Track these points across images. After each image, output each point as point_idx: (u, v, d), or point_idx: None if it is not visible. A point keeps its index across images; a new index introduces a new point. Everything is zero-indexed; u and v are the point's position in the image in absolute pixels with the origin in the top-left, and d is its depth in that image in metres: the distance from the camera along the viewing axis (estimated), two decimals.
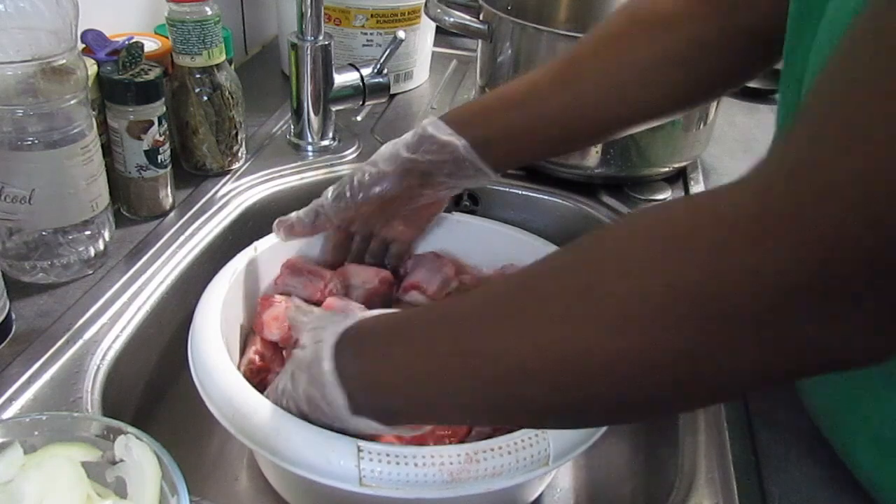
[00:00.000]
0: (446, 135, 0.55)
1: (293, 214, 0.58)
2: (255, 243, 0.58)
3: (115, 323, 0.54)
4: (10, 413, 0.46)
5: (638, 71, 0.54)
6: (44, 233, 0.56)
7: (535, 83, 0.56)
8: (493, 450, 0.41)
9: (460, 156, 0.55)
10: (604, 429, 0.45)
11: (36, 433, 0.38)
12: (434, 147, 0.55)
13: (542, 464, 0.42)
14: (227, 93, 0.70)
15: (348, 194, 0.56)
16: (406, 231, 0.62)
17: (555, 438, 0.42)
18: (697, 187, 0.78)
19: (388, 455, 0.40)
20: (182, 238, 0.64)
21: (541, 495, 0.55)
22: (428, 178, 0.56)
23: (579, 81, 0.55)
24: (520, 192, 0.76)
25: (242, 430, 0.43)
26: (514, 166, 0.57)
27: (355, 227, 0.61)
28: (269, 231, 0.59)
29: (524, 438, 0.42)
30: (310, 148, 0.79)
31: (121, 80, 0.60)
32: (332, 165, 0.78)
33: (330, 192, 0.57)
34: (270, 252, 0.59)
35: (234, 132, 0.72)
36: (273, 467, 0.51)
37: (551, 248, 0.61)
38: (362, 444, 0.40)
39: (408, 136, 0.56)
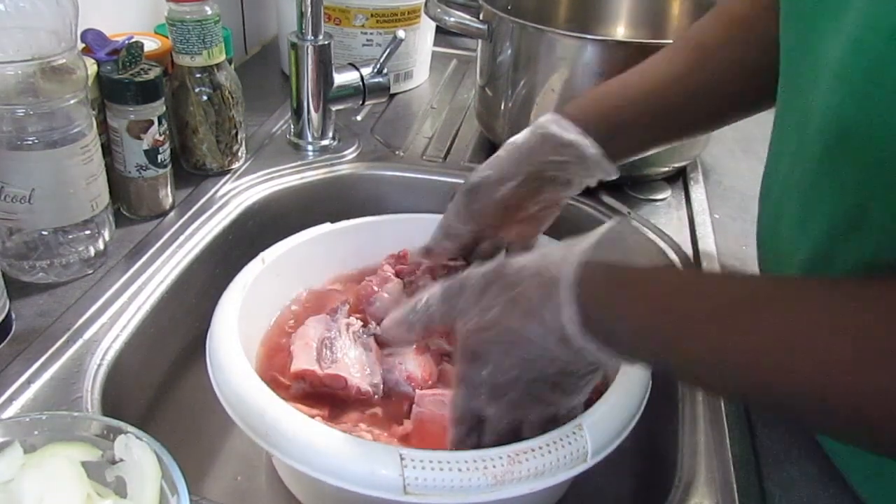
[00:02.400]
0: (573, 134, 0.53)
1: (430, 240, 0.57)
2: (262, 255, 0.57)
3: (114, 322, 0.54)
4: (10, 413, 0.46)
5: (729, 62, 0.54)
6: (44, 232, 0.56)
7: (656, 73, 0.55)
8: (533, 450, 0.41)
9: (585, 155, 0.53)
10: (636, 421, 0.45)
11: (36, 433, 0.38)
12: (558, 147, 0.53)
13: (581, 461, 0.42)
14: (226, 92, 0.70)
15: (471, 202, 0.54)
16: (525, 230, 0.58)
17: (592, 435, 0.42)
18: (697, 187, 0.78)
19: (430, 461, 0.40)
20: (182, 238, 0.64)
21: None
22: (550, 180, 0.54)
23: (703, 71, 0.54)
24: None
25: (280, 446, 0.42)
26: (631, 158, 0.56)
27: (471, 228, 0.57)
28: (268, 233, 0.59)
29: (562, 437, 0.42)
30: (310, 147, 0.79)
31: (121, 79, 0.60)
32: (332, 165, 0.78)
33: (457, 198, 0.55)
34: (277, 263, 0.58)
35: (233, 132, 0.72)
36: (293, 472, 0.51)
37: (555, 244, 0.60)
38: (404, 451, 0.40)
39: (528, 137, 0.54)
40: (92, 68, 0.59)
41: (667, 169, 0.77)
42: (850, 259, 0.40)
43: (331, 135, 0.80)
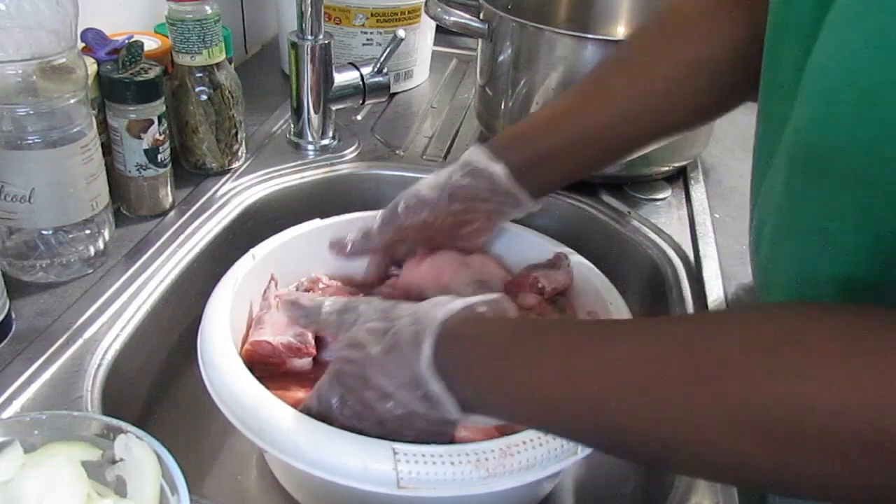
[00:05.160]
0: (484, 161, 0.55)
1: (348, 236, 0.59)
2: (252, 251, 0.57)
3: (115, 322, 0.54)
4: (10, 412, 0.46)
5: (663, 82, 0.54)
6: (44, 232, 0.56)
7: (565, 105, 0.56)
8: (525, 443, 0.41)
9: (497, 182, 0.55)
10: None
11: (36, 432, 0.38)
12: (473, 172, 0.55)
13: (572, 453, 0.42)
14: (227, 92, 0.70)
15: (395, 218, 0.57)
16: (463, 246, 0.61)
17: None
18: (697, 187, 0.78)
19: (423, 455, 0.40)
20: (182, 237, 0.64)
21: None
22: (469, 205, 0.56)
23: (608, 100, 0.55)
24: None
25: (273, 442, 0.42)
26: (552, 190, 0.58)
27: (400, 250, 0.61)
28: (268, 232, 0.59)
29: None
30: (310, 147, 0.79)
31: (121, 79, 0.60)
32: (332, 164, 0.78)
33: (378, 215, 0.58)
34: (268, 259, 0.58)
35: (233, 131, 0.72)
36: (287, 469, 0.51)
37: (557, 246, 0.61)
38: (397, 446, 0.40)
39: (452, 165, 0.57)
40: (92, 68, 0.59)
41: (667, 168, 0.77)
42: (831, 280, 0.39)
43: (331, 134, 0.80)
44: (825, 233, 0.38)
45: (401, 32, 0.78)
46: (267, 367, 0.52)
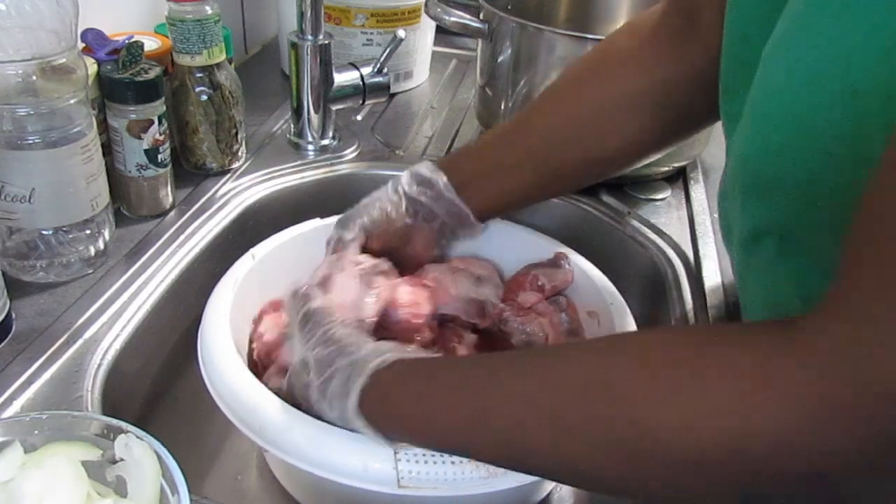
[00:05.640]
0: (429, 171, 0.57)
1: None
2: (252, 251, 0.57)
3: (115, 322, 0.54)
4: (10, 412, 0.46)
5: (598, 114, 0.55)
6: (44, 232, 0.56)
7: (505, 128, 0.58)
8: None
9: (440, 190, 0.56)
10: None
11: (36, 432, 0.38)
12: (419, 180, 0.57)
13: None
14: (227, 92, 0.70)
15: (354, 229, 0.57)
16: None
17: None
18: (697, 187, 0.78)
19: (424, 455, 0.40)
20: (182, 237, 0.64)
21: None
22: (417, 209, 0.57)
23: (540, 124, 0.56)
24: None
25: (273, 442, 0.42)
26: (497, 212, 0.60)
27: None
28: (268, 232, 0.59)
29: None
30: (310, 147, 0.79)
31: (121, 79, 0.60)
32: (332, 165, 0.78)
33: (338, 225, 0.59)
34: (267, 259, 0.58)
35: (234, 131, 0.72)
36: (287, 469, 0.51)
37: (557, 246, 0.61)
38: (398, 445, 0.41)
39: (405, 176, 0.58)
40: (92, 68, 0.59)
41: (667, 169, 0.77)
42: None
43: (331, 134, 0.80)
44: (787, 259, 0.39)
45: (401, 32, 0.78)
46: None
